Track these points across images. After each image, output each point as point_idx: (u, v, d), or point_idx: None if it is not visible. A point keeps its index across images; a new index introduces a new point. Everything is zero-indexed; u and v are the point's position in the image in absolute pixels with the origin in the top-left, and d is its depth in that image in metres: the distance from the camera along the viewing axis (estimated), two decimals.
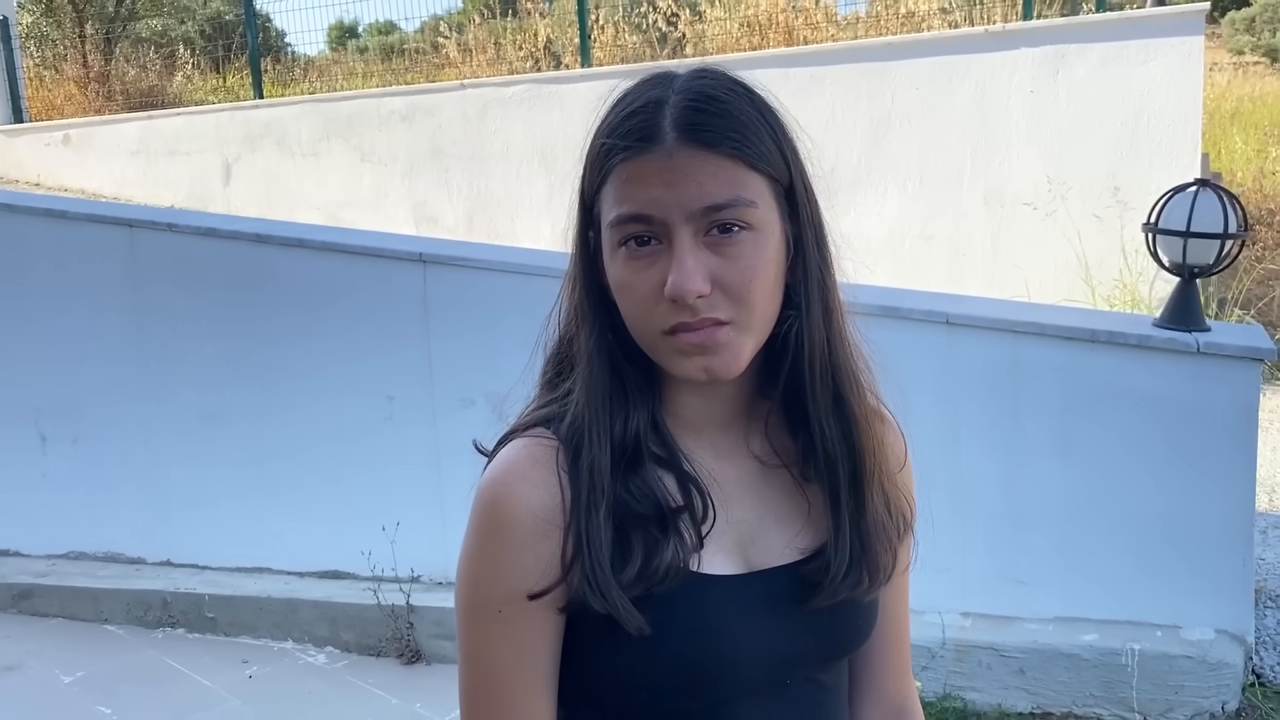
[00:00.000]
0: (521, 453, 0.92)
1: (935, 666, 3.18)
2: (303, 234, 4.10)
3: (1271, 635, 3.33)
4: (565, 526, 0.88)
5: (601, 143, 0.88)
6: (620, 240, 0.87)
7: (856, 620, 0.97)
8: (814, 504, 0.95)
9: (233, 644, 3.95)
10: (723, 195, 0.84)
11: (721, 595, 0.90)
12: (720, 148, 0.84)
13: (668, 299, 0.84)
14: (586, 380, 0.91)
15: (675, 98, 0.86)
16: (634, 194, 0.85)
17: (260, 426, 4.08)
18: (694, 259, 0.84)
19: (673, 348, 0.87)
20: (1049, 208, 6.02)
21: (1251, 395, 3.01)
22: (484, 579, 0.90)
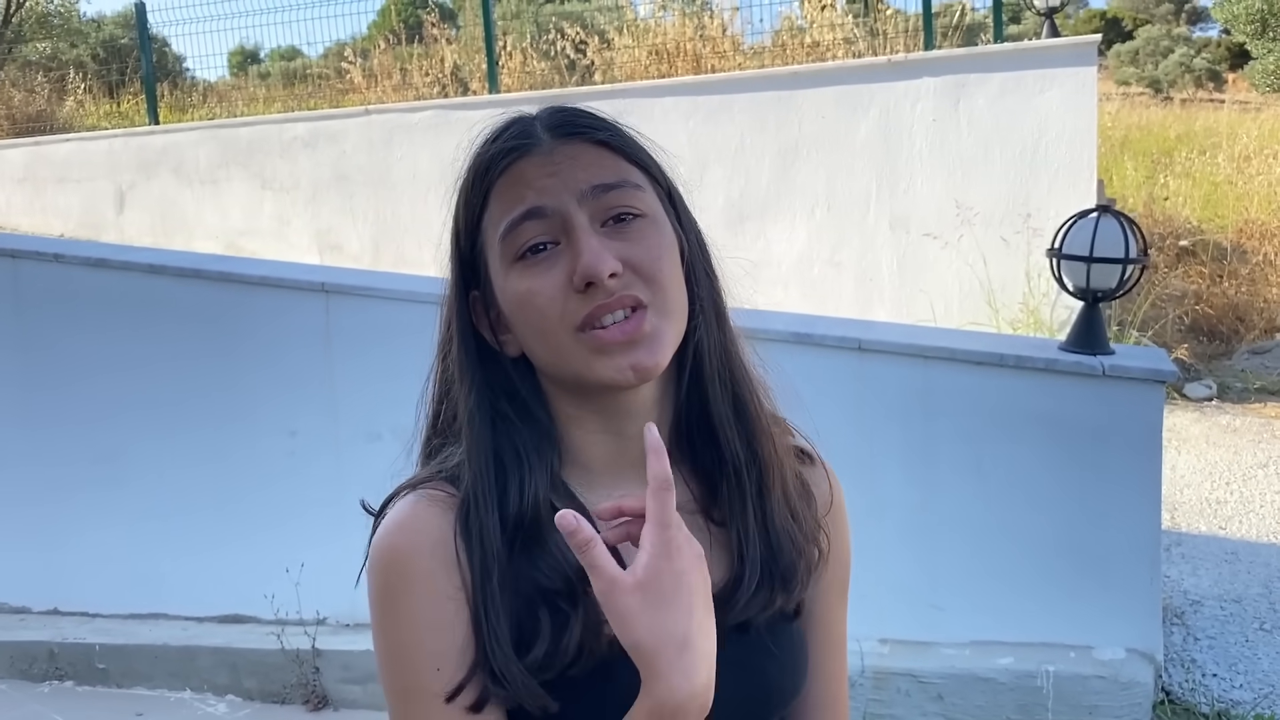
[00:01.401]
0: (413, 504, 0.86)
1: (854, 695, 3.16)
2: (199, 264, 3.95)
3: (1178, 652, 3.40)
4: (465, 578, 0.83)
5: (476, 157, 0.88)
6: (516, 251, 0.84)
7: (781, 678, 0.92)
8: (719, 540, 0.90)
9: (126, 695, 3.75)
10: (609, 176, 0.85)
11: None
12: (594, 138, 0.86)
13: (578, 287, 0.81)
14: (470, 444, 0.86)
15: (542, 114, 0.88)
16: (521, 193, 0.84)
17: (154, 464, 3.89)
18: (599, 240, 0.82)
19: (591, 349, 0.83)
20: (953, 233, 6.14)
21: (1155, 416, 3.07)
22: (405, 645, 0.83)
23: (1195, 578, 3.88)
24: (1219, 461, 5.09)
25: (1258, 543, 4.18)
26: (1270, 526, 4.33)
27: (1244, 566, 3.97)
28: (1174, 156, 10.75)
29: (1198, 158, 10.23)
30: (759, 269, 6.58)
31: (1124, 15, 30.20)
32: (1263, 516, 4.43)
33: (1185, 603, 3.68)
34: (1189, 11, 31.43)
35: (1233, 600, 3.70)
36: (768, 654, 0.90)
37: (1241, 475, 4.92)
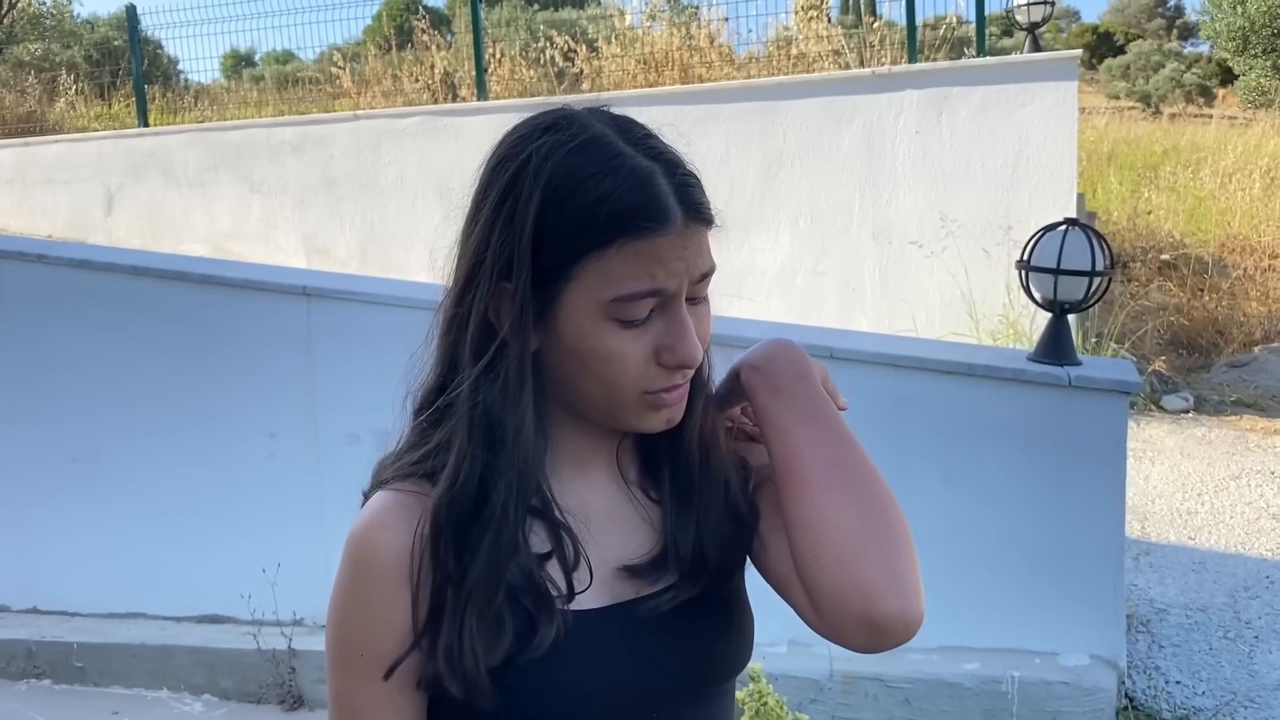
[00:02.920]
0: (390, 501, 0.92)
1: (823, 699, 3.20)
2: (182, 266, 3.98)
3: (1142, 659, 3.44)
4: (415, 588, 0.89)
5: (610, 202, 0.85)
6: (621, 317, 0.87)
7: (718, 646, 0.98)
8: (662, 522, 0.98)
9: (103, 694, 3.77)
10: (709, 264, 0.90)
11: (584, 631, 0.91)
12: (709, 224, 0.90)
13: (668, 365, 0.89)
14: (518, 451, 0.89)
15: (664, 170, 0.87)
16: (651, 270, 0.86)
17: (135, 464, 3.92)
18: (693, 328, 0.90)
19: (648, 405, 0.91)
20: (935, 245, 6.19)
21: (1120, 426, 3.12)
22: (350, 626, 0.91)
23: (1162, 586, 3.93)
24: (1192, 473, 5.15)
25: (1226, 553, 4.23)
26: (1239, 537, 4.38)
27: (1211, 576, 4.02)
28: (1159, 171, 10.85)
29: (1181, 172, 10.32)
30: (743, 278, 6.63)
31: (1116, 30, 30.42)
32: (1232, 527, 4.49)
33: (1151, 611, 3.73)
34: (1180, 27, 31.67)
35: (1198, 609, 3.76)
36: (706, 627, 0.96)
37: (1213, 487, 4.98)
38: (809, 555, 0.89)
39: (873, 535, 0.89)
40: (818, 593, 0.89)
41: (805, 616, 0.94)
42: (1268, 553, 4.23)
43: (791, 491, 0.91)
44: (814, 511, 0.90)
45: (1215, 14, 20.23)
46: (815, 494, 0.90)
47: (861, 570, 0.87)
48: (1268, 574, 4.03)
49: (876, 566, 0.87)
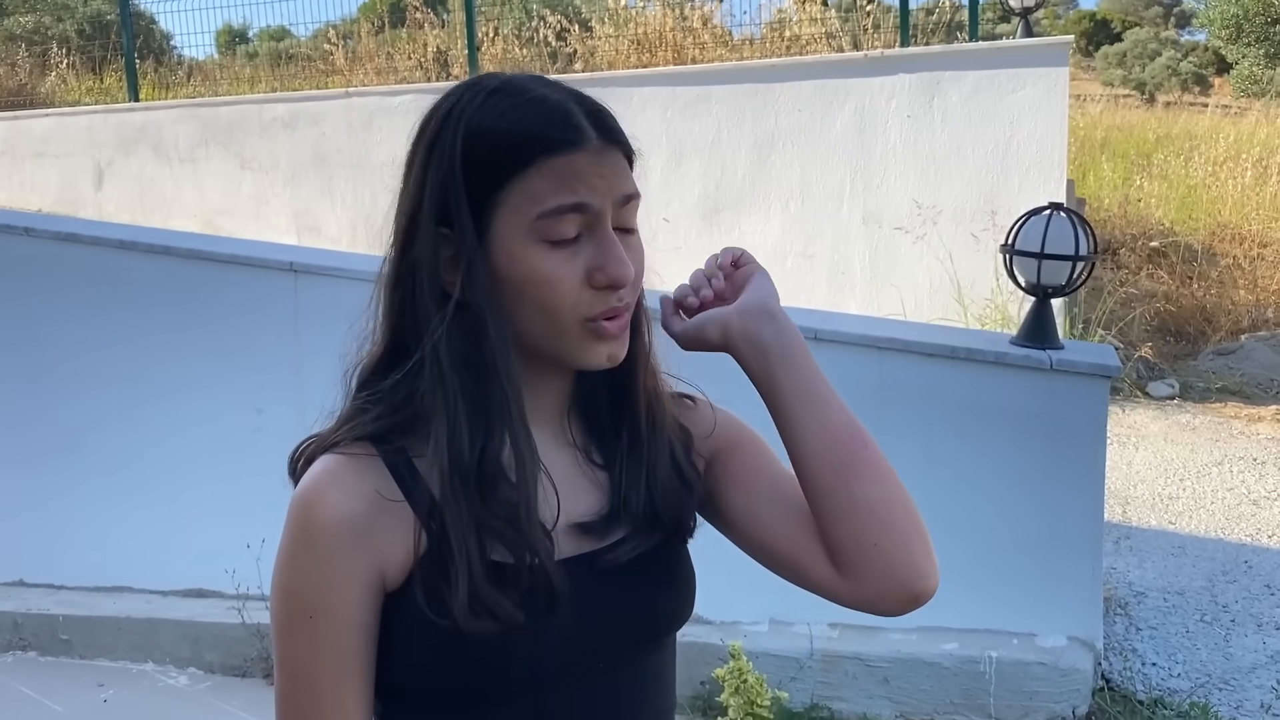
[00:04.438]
0: (333, 466, 0.93)
1: (803, 677, 3.23)
2: (169, 241, 3.98)
3: (1120, 641, 3.48)
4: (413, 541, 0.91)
5: (522, 129, 0.89)
6: (552, 235, 0.90)
7: (666, 600, 1.01)
8: (611, 484, 1.01)
9: (88, 667, 3.78)
10: (631, 187, 0.93)
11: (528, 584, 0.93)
12: (625, 149, 0.94)
13: (599, 286, 0.91)
14: (446, 389, 0.91)
15: (575, 99, 0.93)
16: (572, 185, 0.89)
17: (121, 439, 3.93)
18: (621, 248, 0.92)
19: (592, 336, 0.92)
20: (924, 229, 6.21)
21: (1100, 410, 3.15)
22: (295, 586, 0.92)
23: (1141, 570, 3.97)
24: (1175, 458, 5.19)
25: (1205, 538, 4.27)
26: (1219, 522, 4.42)
27: (1189, 560, 4.06)
28: (1151, 159, 10.86)
29: (1173, 160, 10.33)
30: None
31: (1113, 17, 30.36)
32: (1212, 512, 4.53)
33: (1130, 594, 3.77)
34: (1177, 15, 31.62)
35: (1176, 592, 3.79)
36: (655, 582, 1.00)
37: (1195, 472, 5.02)
38: (868, 539, 0.93)
39: (916, 515, 0.96)
40: (869, 572, 0.94)
41: (825, 587, 0.98)
42: (1247, 537, 4.27)
43: (850, 478, 0.94)
44: (880, 497, 0.94)
45: (1210, 2, 20.21)
46: (883, 479, 0.95)
47: (916, 551, 0.94)
48: (1246, 559, 4.07)
49: (924, 547, 0.95)
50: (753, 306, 0.98)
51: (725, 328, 0.98)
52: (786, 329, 0.98)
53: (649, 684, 1.02)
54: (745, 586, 3.16)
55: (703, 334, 1.00)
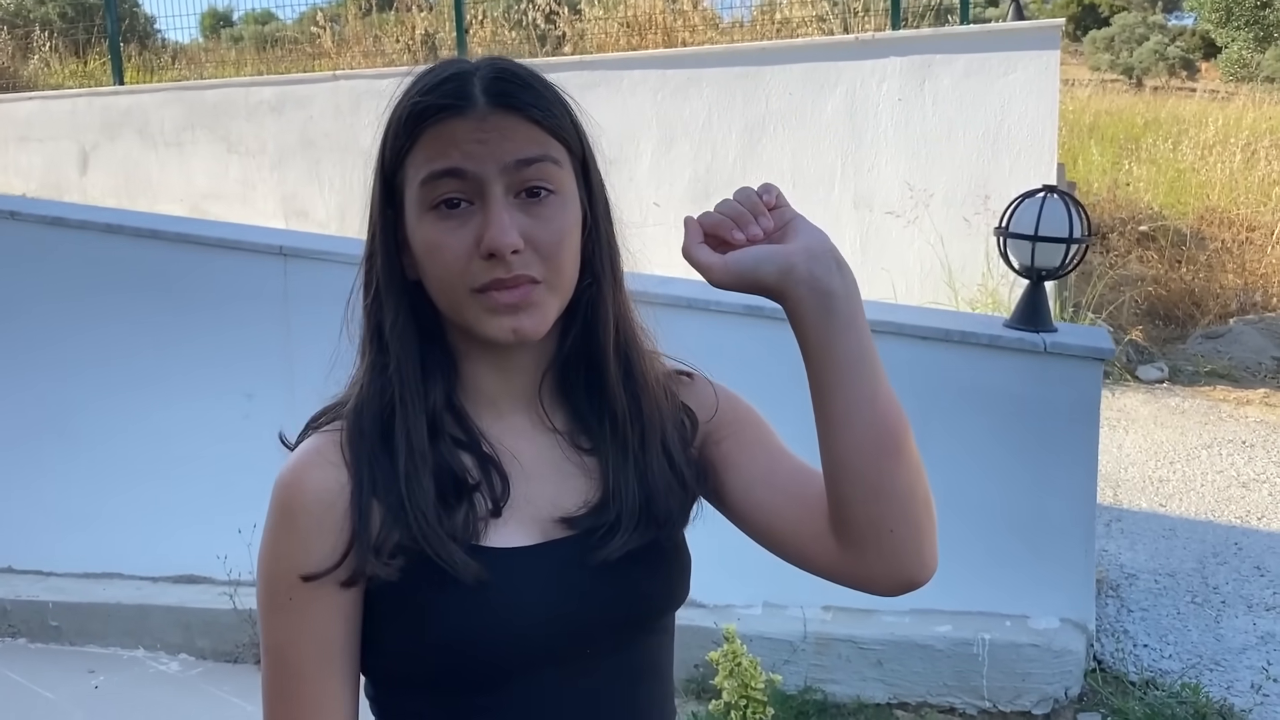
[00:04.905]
0: (311, 444, 0.94)
1: (797, 660, 3.24)
2: (156, 224, 3.94)
3: (1111, 623, 3.49)
4: (350, 504, 0.90)
5: (412, 103, 0.90)
6: (431, 201, 0.89)
7: (654, 586, 0.99)
8: (600, 471, 0.98)
9: (79, 653, 3.77)
10: (533, 151, 0.89)
11: (511, 566, 0.92)
12: (527, 113, 0.89)
13: (482, 255, 0.88)
14: (397, 353, 0.93)
15: (481, 70, 0.90)
16: (447, 151, 0.88)
17: (111, 425, 3.90)
18: (508, 214, 0.88)
19: (484, 307, 0.90)
20: (915, 213, 6.20)
21: (1094, 392, 3.15)
22: (276, 566, 0.92)
23: (1133, 552, 3.99)
24: (1165, 441, 5.21)
25: (1195, 520, 4.29)
26: (1209, 505, 4.45)
27: (1180, 542, 4.08)
28: (1140, 143, 10.88)
29: (1162, 144, 10.35)
30: None
31: (1101, 2, 30.34)
32: (1202, 495, 4.55)
33: (1121, 576, 3.79)
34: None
35: (1167, 574, 3.81)
36: (646, 572, 0.97)
37: (1185, 455, 5.04)
38: (886, 525, 0.91)
39: (932, 505, 0.94)
40: (875, 556, 0.92)
41: (824, 567, 0.96)
42: (1236, 519, 4.29)
43: (889, 459, 0.90)
44: (908, 484, 0.90)
45: None
46: (912, 467, 0.91)
47: (925, 542, 0.93)
48: (1236, 540, 4.09)
49: (932, 538, 0.94)
50: (820, 251, 0.89)
51: (788, 270, 0.88)
52: (853, 283, 0.90)
53: (642, 669, 1.00)
54: (738, 570, 3.17)
55: (756, 273, 0.88)
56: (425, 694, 0.94)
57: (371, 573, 0.90)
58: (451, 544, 0.89)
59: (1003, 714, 3.13)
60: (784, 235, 0.91)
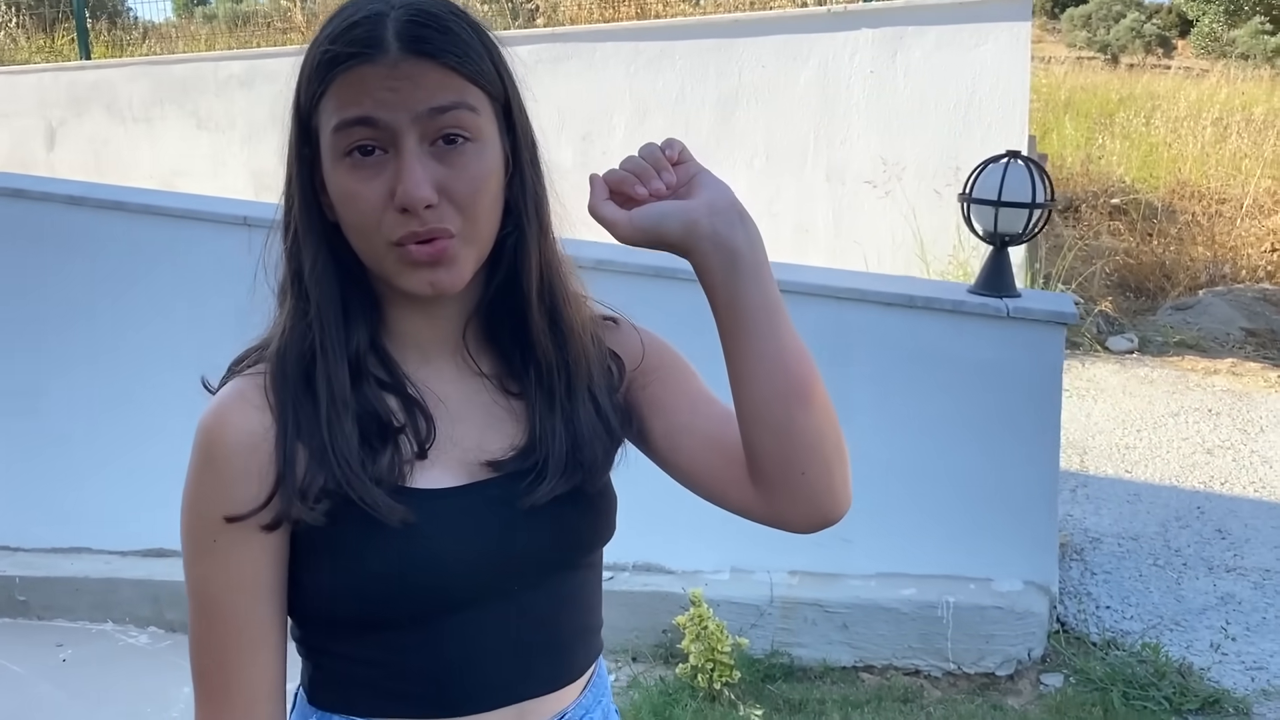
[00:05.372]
0: (234, 387, 0.94)
1: (763, 624, 3.26)
2: (120, 196, 3.90)
3: (1075, 586, 3.54)
4: (274, 448, 0.90)
5: (323, 51, 0.88)
6: (344, 149, 0.87)
7: (580, 525, 1.00)
8: (527, 414, 0.98)
9: (47, 628, 3.75)
10: (447, 99, 0.87)
11: (437, 507, 0.92)
12: (442, 59, 0.87)
13: (396, 209, 0.86)
14: (317, 298, 0.92)
15: (395, 12, 0.87)
16: (358, 98, 0.86)
17: (75, 397, 3.87)
18: (422, 167, 0.86)
19: (400, 259, 0.89)
20: (887, 186, 6.21)
21: (1056, 357, 3.17)
22: (200, 509, 0.92)
23: (1097, 517, 4.03)
24: (1133, 410, 5.26)
25: (1160, 485, 4.34)
26: (1174, 471, 4.50)
27: (1144, 507, 4.13)
28: (1114, 118, 10.92)
29: (1135, 119, 10.40)
30: None
31: None
32: (1167, 461, 4.60)
33: (1085, 540, 3.83)
34: None
35: (1130, 538, 3.86)
36: (571, 513, 0.98)
37: (1152, 423, 5.09)
38: (797, 467, 0.93)
39: (843, 445, 0.96)
40: (789, 496, 0.94)
41: (741, 507, 0.99)
42: (1200, 485, 4.35)
43: (796, 405, 0.92)
44: (817, 427, 0.93)
45: None
46: (821, 412, 0.93)
47: (837, 480, 0.95)
48: (1199, 505, 4.14)
49: (844, 476, 0.96)
50: (723, 206, 0.91)
51: (691, 226, 0.90)
52: (757, 236, 0.92)
53: (567, 604, 1.02)
54: (706, 536, 3.19)
55: (659, 229, 0.90)
56: (351, 633, 0.95)
57: (297, 517, 0.90)
58: (375, 489, 0.89)
59: (967, 675, 3.17)
60: (689, 190, 0.93)
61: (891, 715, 2.96)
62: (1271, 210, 8.45)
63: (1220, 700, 2.96)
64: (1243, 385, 5.63)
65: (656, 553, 3.41)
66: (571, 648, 1.02)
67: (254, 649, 0.93)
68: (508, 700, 0.97)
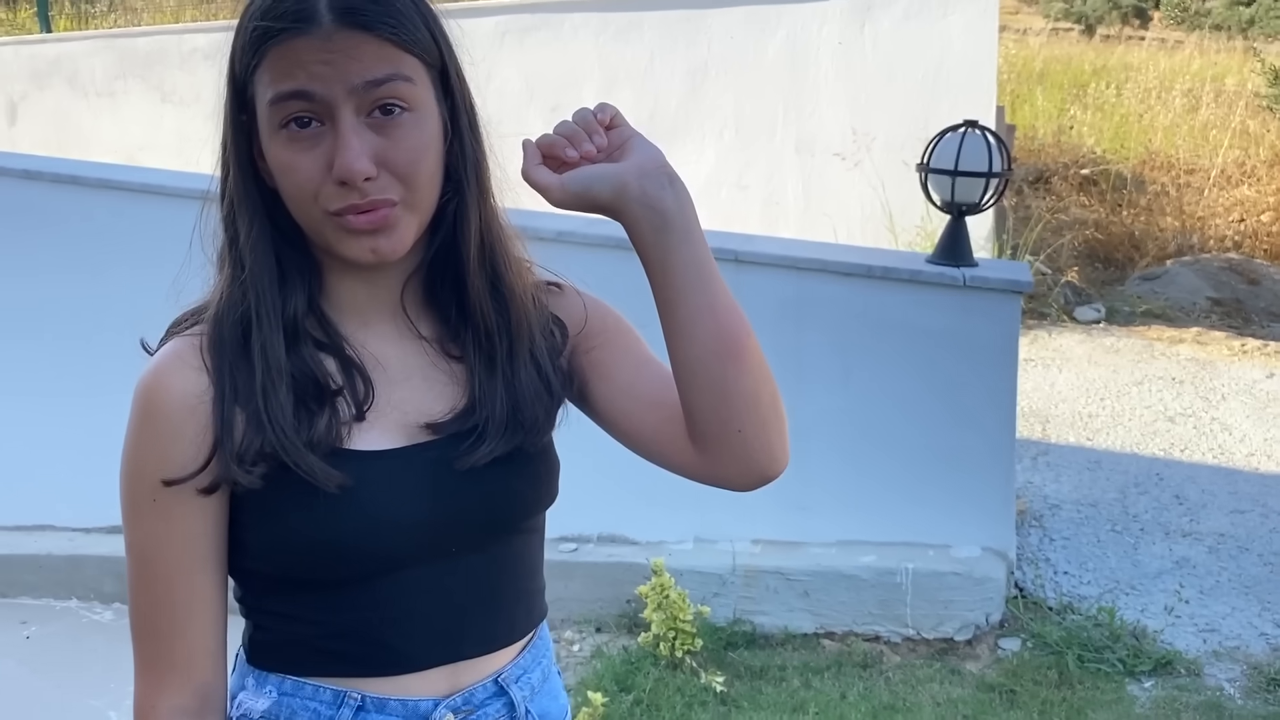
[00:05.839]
0: (171, 348, 0.95)
1: (726, 593, 3.29)
2: (76, 170, 3.87)
3: (1033, 552, 3.58)
4: (211, 411, 0.90)
5: (255, 25, 0.88)
6: (281, 121, 0.88)
7: (521, 488, 1.01)
8: (467, 377, 0.99)
9: (10, 605, 3.74)
10: (382, 71, 0.87)
11: (375, 469, 0.93)
12: (376, 30, 0.87)
13: (335, 181, 0.87)
14: (251, 266, 0.92)
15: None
16: (292, 71, 0.86)
17: (37, 377, 3.84)
18: (359, 140, 0.87)
19: (340, 229, 0.89)
20: (856, 157, 6.22)
21: (1012, 325, 3.20)
22: (138, 469, 0.93)
23: (1057, 484, 4.08)
24: (1097, 379, 5.31)
25: (1120, 452, 4.39)
26: (1135, 438, 4.55)
27: (1104, 474, 4.18)
28: (1087, 90, 10.95)
29: (1106, 91, 10.42)
30: None
31: None
32: (1129, 429, 4.65)
33: (1045, 507, 3.88)
34: None
35: (1089, 504, 3.91)
36: (512, 474, 0.99)
37: (1116, 391, 5.14)
38: (734, 426, 0.94)
39: (779, 403, 0.97)
40: (728, 455, 0.96)
41: (681, 467, 1.00)
42: (1160, 451, 4.40)
43: (731, 365, 0.93)
44: (752, 386, 0.94)
45: None
46: (755, 369, 0.94)
47: (774, 439, 0.96)
48: (1158, 471, 4.20)
49: (781, 434, 0.97)
50: (652, 168, 0.92)
51: (621, 188, 0.91)
52: (686, 198, 0.93)
53: (509, 565, 1.03)
54: (669, 507, 3.21)
55: (589, 192, 0.92)
56: (289, 592, 0.96)
57: (234, 480, 0.90)
58: (311, 455, 0.90)
59: (926, 641, 3.21)
60: (621, 154, 0.94)
61: (851, 681, 3.00)
62: (1239, 181, 8.52)
63: (1173, 661, 3.01)
64: (1207, 354, 5.69)
65: (620, 524, 3.43)
66: (511, 609, 1.03)
67: (193, 610, 0.94)
68: (444, 659, 0.98)
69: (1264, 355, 5.63)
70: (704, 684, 2.97)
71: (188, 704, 0.95)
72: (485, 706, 1.00)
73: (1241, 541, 3.66)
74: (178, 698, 0.95)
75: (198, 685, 0.95)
